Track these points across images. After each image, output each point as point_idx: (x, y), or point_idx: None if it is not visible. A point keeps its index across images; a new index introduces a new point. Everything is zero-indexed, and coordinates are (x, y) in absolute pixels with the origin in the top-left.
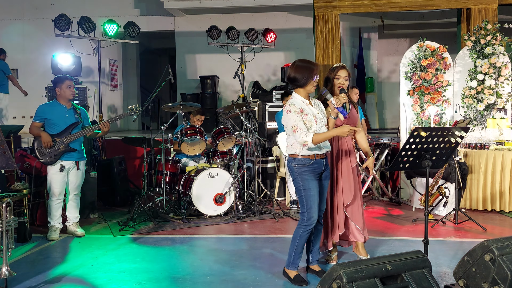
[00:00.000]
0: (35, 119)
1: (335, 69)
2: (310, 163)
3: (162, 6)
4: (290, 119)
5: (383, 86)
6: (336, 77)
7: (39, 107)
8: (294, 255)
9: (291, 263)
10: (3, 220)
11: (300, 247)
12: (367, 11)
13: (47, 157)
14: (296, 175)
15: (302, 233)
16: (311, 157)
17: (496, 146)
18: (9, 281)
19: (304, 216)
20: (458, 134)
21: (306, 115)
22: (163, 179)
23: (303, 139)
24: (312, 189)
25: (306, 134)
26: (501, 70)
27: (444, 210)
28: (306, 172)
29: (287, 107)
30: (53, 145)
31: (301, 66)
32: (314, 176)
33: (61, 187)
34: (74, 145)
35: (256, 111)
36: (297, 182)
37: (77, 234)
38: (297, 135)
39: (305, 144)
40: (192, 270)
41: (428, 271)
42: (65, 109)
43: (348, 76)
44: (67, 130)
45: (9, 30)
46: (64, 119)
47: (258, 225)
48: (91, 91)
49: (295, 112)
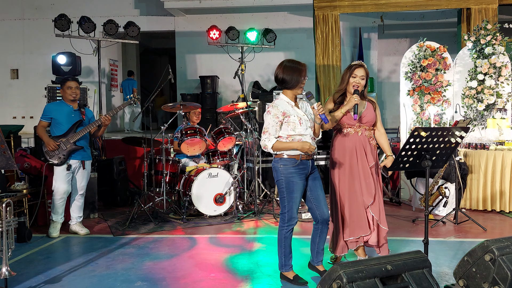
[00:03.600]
0: (42, 118)
1: (352, 67)
2: (296, 164)
3: (162, 6)
4: (266, 120)
5: (383, 86)
6: (352, 75)
7: (46, 106)
8: (284, 257)
9: (283, 265)
10: (3, 220)
11: (288, 248)
12: (367, 11)
13: (56, 158)
14: (281, 175)
15: (286, 234)
16: (297, 158)
17: (496, 146)
18: (9, 281)
19: (284, 217)
20: (458, 134)
21: (288, 117)
22: (163, 179)
23: (264, 143)
24: (296, 191)
25: (269, 139)
26: (501, 70)
27: (444, 210)
28: (293, 173)
29: (269, 107)
30: (58, 146)
31: (289, 67)
32: (300, 177)
33: (66, 186)
34: (80, 143)
35: (256, 111)
36: (281, 183)
37: (81, 233)
38: (263, 137)
39: (264, 147)
40: (192, 270)
41: (428, 271)
42: (71, 109)
43: (365, 75)
44: (72, 129)
45: (9, 30)
46: (70, 119)
47: (258, 225)
48: (91, 91)
49: (274, 115)
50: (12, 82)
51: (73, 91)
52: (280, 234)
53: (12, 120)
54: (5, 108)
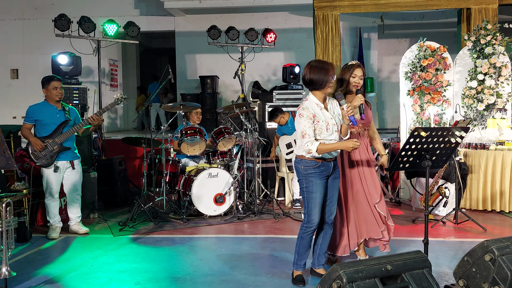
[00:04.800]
0: (25, 121)
1: (351, 68)
2: (317, 166)
3: (162, 6)
4: (301, 123)
5: (383, 86)
6: (352, 76)
7: (29, 108)
8: (298, 256)
9: (295, 263)
10: (3, 220)
11: (302, 248)
12: (367, 11)
13: (43, 160)
14: (302, 176)
15: (303, 234)
16: (318, 160)
17: (496, 146)
18: (9, 281)
19: (305, 217)
20: (458, 134)
21: (318, 121)
22: (163, 179)
23: (308, 147)
24: (315, 192)
25: (312, 142)
26: (501, 70)
27: (444, 210)
28: (312, 174)
29: (300, 110)
30: (45, 147)
31: (316, 67)
32: (320, 178)
33: (56, 187)
34: (67, 144)
35: (256, 111)
36: (302, 183)
37: (80, 232)
38: (304, 141)
39: (309, 152)
40: (192, 270)
41: (428, 271)
42: (55, 110)
43: (363, 75)
44: (58, 130)
45: (9, 30)
46: (55, 120)
47: (258, 225)
48: (91, 91)
49: (307, 117)
50: (12, 82)
51: (58, 92)
52: (299, 232)
53: (12, 120)
54: (5, 108)
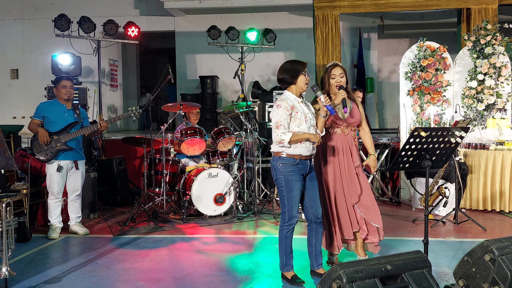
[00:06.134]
0: (34, 116)
1: (328, 69)
2: (295, 163)
3: (162, 6)
4: (278, 113)
5: (383, 86)
6: (331, 77)
7: (39, 105)
8: (285, 257)
9: (284, 265)
10: (3, 220)
11: (288, 247)
12: (367, 11)
13: (43, 154)
14: (280, 174)
15: (287, 233)
16: (296, 157)
17: (496, 146)
18: (9, 281)
19: (285, 216)
20: (458, 134)
21: (296, 112)
22: (163, 179)
23: (280, 137)
24: (295, 190)
25: (284, 133)
26: (501, 70)
27: (444, 210)
28: (291, 172)
29: (278, 101)
30: (50, 141)
31: (287, 66)
32: (298, 176)
33: (59, 187)
34: (71, 144)
35: (256, 111)
36: (280, 182)
37: (80, 233)
38: (278, 131)
39: (281, 142)
40: (192, 270)
41: (428, 271)
42: (64, 109)
43: (343, 72)
44: (66, 129)
45: (9, 30)
46: (63, 118)
47: (258, 225)
48: (91, 91)
49: (284, 108)
50: (12, 82)
51: (67, 90)
52: (280, 233)
53: (12, 120)
54: (5, 108)
